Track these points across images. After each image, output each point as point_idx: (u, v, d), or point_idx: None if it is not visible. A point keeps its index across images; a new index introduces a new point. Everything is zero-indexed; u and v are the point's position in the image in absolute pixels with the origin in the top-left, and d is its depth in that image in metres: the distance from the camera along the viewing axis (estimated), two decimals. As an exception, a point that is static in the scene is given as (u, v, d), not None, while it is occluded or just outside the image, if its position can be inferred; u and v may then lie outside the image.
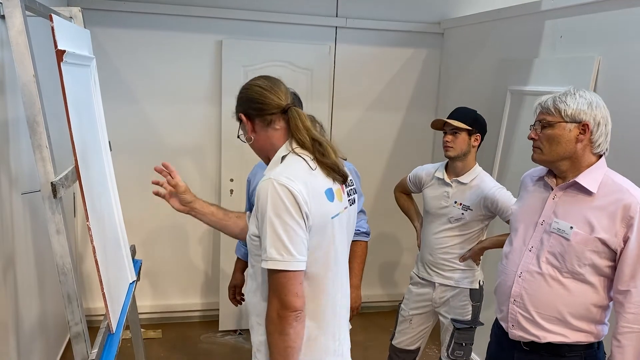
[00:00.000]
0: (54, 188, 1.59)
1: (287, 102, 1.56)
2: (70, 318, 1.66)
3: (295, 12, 3.79)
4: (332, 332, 1.59)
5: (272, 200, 1.41)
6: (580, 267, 1.72)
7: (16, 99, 2.43)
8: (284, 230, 1.40)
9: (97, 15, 3.47)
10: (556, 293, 1.76)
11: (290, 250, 1.40)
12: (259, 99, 1.56)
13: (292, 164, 1.50)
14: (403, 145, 4.18)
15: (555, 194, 1.81)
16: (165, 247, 3.90)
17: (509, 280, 1.87)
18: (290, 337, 1.44)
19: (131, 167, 3.68)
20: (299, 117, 1.54)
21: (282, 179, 1.43)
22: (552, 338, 1.78)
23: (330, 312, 1.57)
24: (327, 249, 1.53)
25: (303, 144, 1.53)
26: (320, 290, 1.53)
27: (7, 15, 1.52)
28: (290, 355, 1.45)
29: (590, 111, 1.71)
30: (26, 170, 2.55)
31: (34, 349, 2.72)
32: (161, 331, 3.84)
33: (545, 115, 1.77)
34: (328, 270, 1.54)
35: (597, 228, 1.69)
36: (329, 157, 1.54)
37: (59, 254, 1.63)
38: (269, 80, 1.60)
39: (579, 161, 1.75)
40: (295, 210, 1.41)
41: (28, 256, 2.63)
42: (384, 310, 4.28)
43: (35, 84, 1.56)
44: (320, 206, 1.48)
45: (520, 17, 3.15)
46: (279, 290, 1.43)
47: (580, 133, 1.73)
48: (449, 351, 2.61)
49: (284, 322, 1.43)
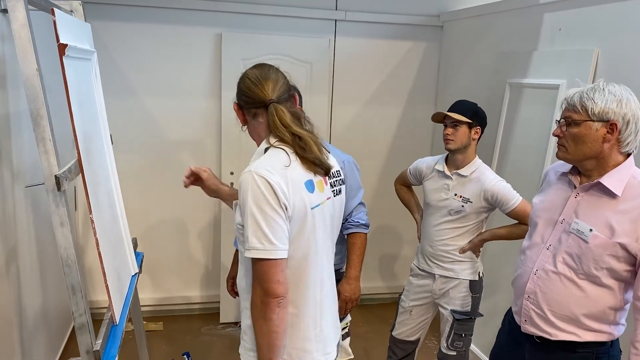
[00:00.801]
0: (57, 181, 1.60)
1: (272, 96, 1.58)
2: (75, 309, 1.68)
3: (295, 5, 3.79)
4: (313, 319, 1.64)
5: (252, 192, 1.46)
6: (597, 270, 1.67)
7: (17, 93, 2.44)
8: (264, 220, 1.45)
9: (96, 8, 3.47)
10: (570, 293, 1.72)
11: (270, 239, 1.46)
12: (246, 92, 1.61)
13: (272, 157, 1.54)
14: (402, 138, 4.19)
15: (577, 193, 1.74)
16: (166, 240, 3.92)
17: (525, 276, 1.84)
18: (274, 322, 1.50)
19: (131, 161, 3.69)
20: (277, 114, 1.57)
21: (262, 171, 1.48)
22: (564, 337, 1.75)
23: (310, 299, 1.62)
24: (308, 239, 1.57)
25: (282, 140, 1.57)
26: (300, 278, 1.58)
27: (10, 8, 1.53)
28: (274, 339, 1.52)
29: (619, 110, 1.60)
30: (28, 164, 2.56)
31: (36, 340, 2.74)
32: (162, 324, 3.87)
33: (571, 113, 1.67)
34: (308, 259, 1.59)
35: (619, 232, 1.61)
36: (310, 152, 1.57)
37: (63, 246, 1.64)
38: (261, 72, 1.62)
39: (605, 161, 1.67)
40: (274, 200, 1.46)
41: (30, 249, 2.64)
42: (384, 302, 4.31)
43: (39, 78, 1.57)
44: (300, 197, 1.52)
45: (519, 9, 3.16)
46: (262, 278, 1.48)
47: (608, 132, 1.63)
48: (449, 342, 2.63)
49: (267, 308, 1.49)
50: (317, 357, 1.65)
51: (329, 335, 1.71)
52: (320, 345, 1.66)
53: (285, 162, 1.53)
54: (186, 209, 3.90)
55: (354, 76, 4.00)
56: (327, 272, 1.71)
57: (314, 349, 1.64)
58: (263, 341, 1.52)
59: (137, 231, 3.69)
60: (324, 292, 1.68)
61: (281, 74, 1.66)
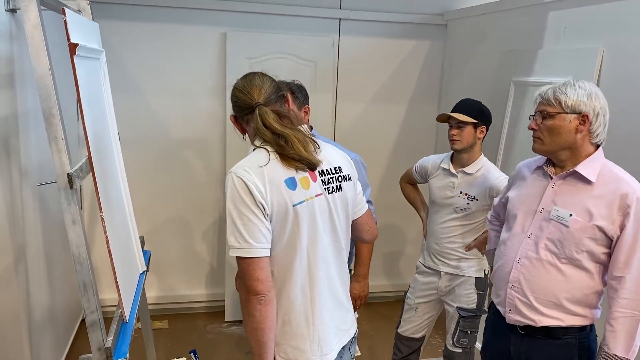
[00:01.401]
0: (70, 179, 1.61)
1: (259, 100, 1.62)
2: (87, 306, 1.69)
3: (299, 4, 3.80)
4: (304, 316, 1.63)
5: (230, 192, 1.52)
6: (578, 254, 1.77)
7: (25, 92, 2.46)
8: (240, 220, 1.50)
9: (102, 8, 3.48)
10: (554, 279, 1.81)
11: (246, 238, 1.49)
12: (235, 101, 1.68)
13: (252, 157, 1.59)
14: (407, 136, 4.20)
15: (554, 183, 1.85)
16: (171, 238, 3.93)
17: (507, 266, 1.91)
18: (257, 319, 1.53)
19: (136, 160, 3.70)
20: (260, 116, 1.60)
21: (239, 171, 1.53)
22: (548, 322, 1.83)
23: (300, 297, 1.62)
24: (292, 236, 1.57)
25: (264, 140, 1.61)
26: (287, 276, 1.60)
27: (23, 9, 1.54)
28: (260, 335, 1.54)
29: (589, 102, 1.75)
30: (35, 163, 2.58)
31: (44, 337, 2.76)
32: (167, 322, 3.88)
33: (546, 107, 1.80)
34: (294, 258, 1.59)
35: (596, 216, 1.73)
36: (291, 148, 1.58)
37: (75, 244, 1.66)
38: (246, 80, 1.68)
39: (578, 151, 1.79)
40: (249, 200, 1.50)
41: (38, 248, 2.66)
42: (389, 300, 4.33)
43: (51, 77, 1.59)
44: (279, 195, 1.54)
45: (524, 8, 3.17)
46: (243, 276, 1.52)
47: (580, 124, 1.76)
48: (454, 339, 2.65)
49: (250, 305, 1.53)
50: (311, 357, 1.63)
51: (326, 335, 1.67)
52: (315, 345, 1.64)
53: (262, 161, 1.55)
54: (192, 208, 3.91)
55: (358, 75, 4.01)
56: (324, 269, 1.67)
57: (308, 348, 1.63)
58: (251, 337, 1.56)
59: (143, 229, 3.70)
60: (318, 289, 1.65)
61: (267, 77, 1.70)
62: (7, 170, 2.23)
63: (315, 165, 1.62)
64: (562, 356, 1.86)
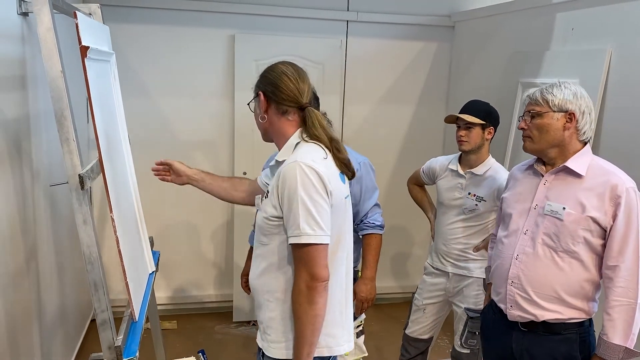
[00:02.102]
0: (81, 180, 1.63)
1: (307, 100, 1.66)
2: (97, 305, 1.71)
3: (307, 7, 3.82)
4: (339, 304, 1.69)
5: (301, 181, 1.52)
6: (574, 245, 1.83)
7: (37, 94, 2.49)
8: (314, 207, 1.52)
9: (113, 11, 3.51)
10: (552, 272, 1.86)
11: (321, 225, 1.53)
12: (283, 89, 1.65)
13: (311, 150, 1.61)
14: (414, 138, 4.21)
15: (546, 180, 1.92)
16: (180, 240, 3.96)
17: (505, 263, 1.97)
18: (319, 305, 1.55)
19: (145, 161, 3.69)
20: (317, 117, 1.66)
21: (308, 161, 1.54)
22: (549, 316, 1.88)
23: (337, 287, 1.68)
24: (340, 227, 1.66)
25: (319, 139, 1.64)
26: (335, 265, 1.64)
27: (36, 12, 1.57)
28: (319, 322, 1.57)
29: (575, 101, 1.84)
30: (47, 164, 2.61)
31: (55, 336, 2.79)
32: (176, 322, 3.91)
33: (534, 106, 1.89)
34: (339, 247, 1.66)
35: (588, 207, 1.80)
36: (344, 153, 1.67)
37: (85, 244, 1.67)
38: (297, 72, 1.68)
39: (567, 148, 1.87)
40: (321, 188, 1.54)
41: (49, 248, 2.69)
42: (397, 301, 4.33)
43: (63, 79, 1.61)
44: (337, 187, 1.62)
45: (531, 9, 3.17)
46: (309, 263, 1.53)
47: (567, 121, 1.85)
48: (462, 340, 2.65)
49: (314, 292, 1.54)
50: (342, 343, 1.70)
51: (350, 323, 1.76)
52: (345, 332, 1.72)
53: (323, 154, 1.61)
54: (200, 209, 3.94)
55: (366, 76, 4.03)
56: (351, 261, 1.78)
57: (340, 334, 1.69)
58: (308, 325, 1.56)
59: (152, 230, 3.71)
60: (349, 278, 1.75)
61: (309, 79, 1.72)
62: (19, 171, 2.25)
63: (355, 174, 1.73)
64: (563, 351, 1.89)
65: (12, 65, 2.23)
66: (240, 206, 3.89)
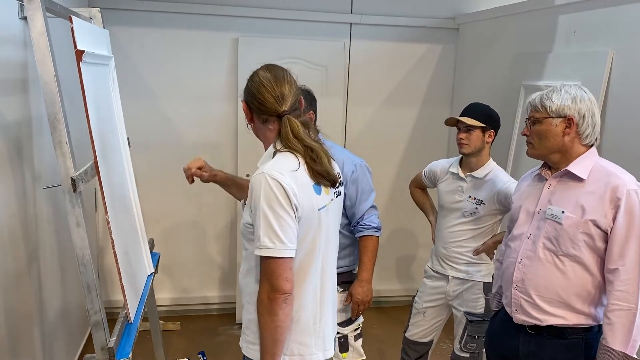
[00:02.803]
0: (73, 182, 1.65)
1: (286, 107, 1.62)
2: (90, 307, 1.73)
3: (310, 9, 3.82)
4: (313, 314, 1.68)
5: (264, 193, 1.52)
6: (575, 249, 1.81)
7: (39, 97, 2.52)
8: (276, 220, 1.51)
9: (116, 14, 3.55)
10: (553, 276, 1.85)
11: (281, 239, 1.52)
12: (259, 98, 1.63)
13: (282, 160, 1.59)
14: (418, 140, 4.20)
15: (549, 184, 1.92)
16: (183, 241, 3.98)
17: (511, 267, 1.97)
18: (279, 317, 1.55)
19: (150, 164, 3.76)
20: (291, 126, 1.61)
21: (274, 173, 1.53)
22: (553, 321, 1.86)
23: (311, 296, 1.67)
24: (314, 239, 1.63)
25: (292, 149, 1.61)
26: (303, 276, 1.63)
27: (29, 17, 1.59)
28: (279, 333, 1.57)
29: (574, 105, 1.82)
30: (49, 166, 2.63)
31: (57, 338, 2.81)
32: (180, 323, 3.93)
33: (534, 113, 1.89)
34: (312, 259, 1.64)
35: (588, 210, 1.78)
36: (320, 164, 1.62)
37: (78, 246, 1.69)
38: (275, 77, 1.65)
39: (569, 153, 1.86)
40: (285, 201, 1.52)
41: (51, 249, 2.71)
42: (400, 304, 4.31)
43: (56, 83, 1.63)
44: (308, 199, 1.58)
45: (534, 12, 3.15)
46: (270, 275, 1.53)
47: (567, 127, 1.83)
48: (462, 344, 2.63)
49: (274, 304, 1.54)
50: (315, 352, 1.69)
51: (327, 333, 1.75)
52: (319, 341, 1.70)
53: (294, 166, 1.58)
54: (203, 211, 3.96)
55: (369, 79, 4.02)
56: (330, 271, 1.75)
57: (313, 343, 1.68)
58: (268, 336, 1.57)
59: (154, 232, 3.75)
60: (326, 289, 1.72)
61: (293, 80, 1.69)
62: (20, 172, 2.28)
63: (336, 182, 1.69)
64: (569, 356, 1.87)
65: (14, 68, 2.26)
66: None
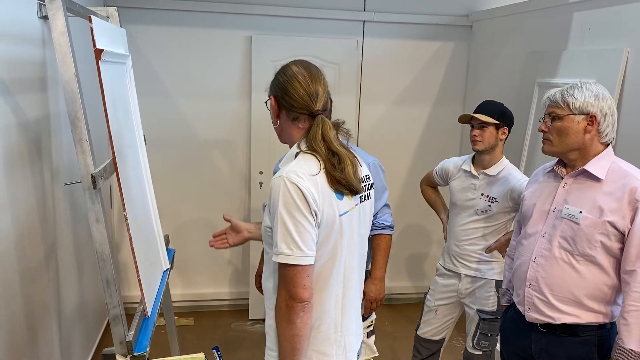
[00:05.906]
0: (93, 179, 1.68)
1: (319, 107, 1.55)
2: (109, 301, 1.76)
3: (323, 7, 3.84)
4: (334, 323, 1.62)
5: (283, 197, 1.45)
6: (591, 250, 1.80)
7: (57, 95, 2.56)
8: (294, 226, 1.44)
9: (131, 13, 3.58)
10: (568, 275, 1.85)
11: (299, 245, 1.45)
12: (293, 94, 1.55)
13: (303, 162, 1.51)
14: (430, 138, 4.20)
15: (565, 182, 1.90)
16: (196, 238, 4.01)
17: (524, 265, 1.96)
18: (297, 326, 1.49)
19: (163, 161, 3.80)
20: (323, 127, 1.54)
21: (293, 177, 1.46)
22: (567, 319, 1.86)
23: (332, 304, 1.60)
24: (335, 245, 1.55)
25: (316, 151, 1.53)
26: (324, 284, 1.57)
27: (51, 17, 1.62)
28: (297, 342, 1.51)
29: (597, 103, 1.79)
30: (67, 163, 2.68)
31: (74, 332, 2.86)
32: (193, 319, 3.97)
33: (555, 109, 1.85)
34: (333, 266, 1.57)
35: (606, 211, 1.76)
36: (341, 171, 1.53)
37: (98, 241, 1.72)
38: (310, 74, 1.57)
39: (587, 151, 1.83)
40: (304, 207, 1.45)
41: (68, 244, 2.76)
42: (412, 302, 4.32)
43: (77, 82, 1.66)
44: (329, 204, 1.51)
45: (548, 9, 3.14)
46: (288, 283, 1.47)
47: (588, 124, 1.80)
48: (474, 341, 2.64)
49: (292, 312, 1.48)
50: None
51: (350, 341, 1.68)
52: (340, 350, 1.64)
53: (314, 169, 1.50)
54: (216, 208, 3.99)
55: (382, 77, 4.03)
56: (354, 278, 1.67)
57: (334, 353, 1.62)
58: (286, 344, 1.51)
59: (169, 229, 3.80)
60: (348, 297, 1.66)
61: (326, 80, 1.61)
62: (39, 169, 2.32)
63: (358, 192, 1.59)
64: (582, 353, 1.88)
65: (33, 67, 2.30)
66: (256, 205, 3.93)
